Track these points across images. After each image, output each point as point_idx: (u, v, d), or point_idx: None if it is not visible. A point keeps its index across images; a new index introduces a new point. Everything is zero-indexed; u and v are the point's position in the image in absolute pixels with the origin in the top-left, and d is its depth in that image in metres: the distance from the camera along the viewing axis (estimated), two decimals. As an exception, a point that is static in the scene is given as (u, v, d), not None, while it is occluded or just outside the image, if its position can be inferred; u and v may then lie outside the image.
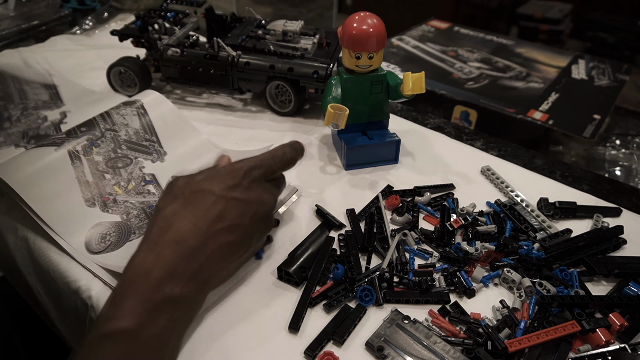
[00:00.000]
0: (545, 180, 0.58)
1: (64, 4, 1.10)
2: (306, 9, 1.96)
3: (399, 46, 1.07)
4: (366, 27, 0.51)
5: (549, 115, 0.82)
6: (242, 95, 0.73)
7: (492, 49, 1.07)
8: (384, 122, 0.59)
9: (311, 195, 0.54)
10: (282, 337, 0.39)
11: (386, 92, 0.56)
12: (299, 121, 0.68)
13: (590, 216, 0.51)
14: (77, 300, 0.44)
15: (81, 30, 1.01)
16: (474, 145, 0.64)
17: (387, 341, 0.38)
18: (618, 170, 0.83)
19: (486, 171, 0.58)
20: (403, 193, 0.54)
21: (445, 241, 0.47)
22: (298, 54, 0.66)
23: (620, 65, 1.01)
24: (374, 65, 0.54)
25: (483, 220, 0.50)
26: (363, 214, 0.51)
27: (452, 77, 0.95)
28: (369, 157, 0.58)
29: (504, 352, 0.37)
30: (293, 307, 0.41)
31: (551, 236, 0.47)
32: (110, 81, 0.72)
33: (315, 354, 0.37)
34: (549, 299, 0.40)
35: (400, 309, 0.41)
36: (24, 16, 1.04)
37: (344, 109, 0.50)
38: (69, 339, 0.51)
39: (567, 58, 1.04)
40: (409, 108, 0.74)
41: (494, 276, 0.44)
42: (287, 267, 0.43)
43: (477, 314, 0.40)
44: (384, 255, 0.45)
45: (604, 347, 0.37)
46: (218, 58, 0.66)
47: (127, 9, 1.11)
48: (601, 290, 0.44)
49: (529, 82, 0.93)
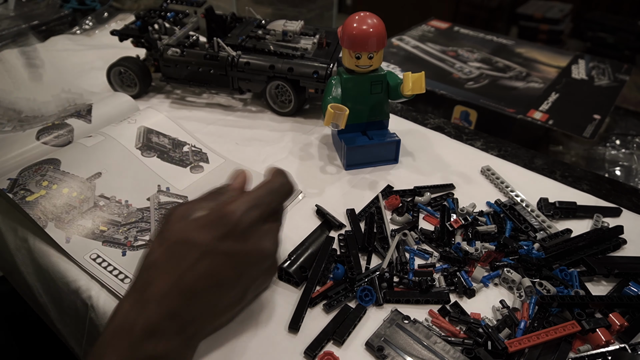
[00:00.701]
0: (545, 180, 0.58)
1: (64, 4, 1.10)
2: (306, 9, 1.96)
3: (399, 46, 1.07)
4: (366, 27, 0.51)
5: (549, 115, 0.82)
6: (242, 95, 0.73)
7: (492, 49, 1.07)
8: (384, 122, 0.59)
9: (311, 195, 0.54)
10: (282, 337, 0.39)
11: (386, 92, 0.56)
12: (299, 121, 0.68)
13: (590, 216, 0.51)
14: (77, 300, 0.44)
15: (81, 30, 1.00)
16: (474, 145, 0.64)
17: (387, 341, 0.38)
18: (618, 170, 0.84)
19: (486, 171, 0.58)
20: (403, 193, 0.54)
21: (445, 241, 0.47)
22: (298, 54, 0.66)
23: (620, 65, 1.01)
24: (374, 65, 0.54)
25: (483, 220, 0.50)
26: (363, 214, 0.51)
27: (452, 77, 0.95)
28: (369, 157, 0.58)
29: (504, 352, 0.37)
30: (293, 307, 0.41)
31: (551, 236, 0.47)
32: (110, 81, 0.72)
33: (315, 354, 0.37)
34: (549, 299, 0.40)
35: (400, 309, 0.41)
36: (24, 16, 1.04)
37: (344, 109, 0.50)
38: (69, 339, 0.51)
39: (567, 58, 1.04)
40: (409, 108, 0.74)
41: (494, 276, 0.44)
42: (287, 267, 0.43)
43: (477, 314, 0.40)
44: (384, 255, 0.45)
45: (604, 347, 0.37)
46: (218, 58, 0.66)
47: (127, 9, 1.11)
48: (601, 290, 0.44)
49: (529, 82, 0.93)
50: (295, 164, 0.59)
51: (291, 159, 0.60)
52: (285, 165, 0.59)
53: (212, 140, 0.61)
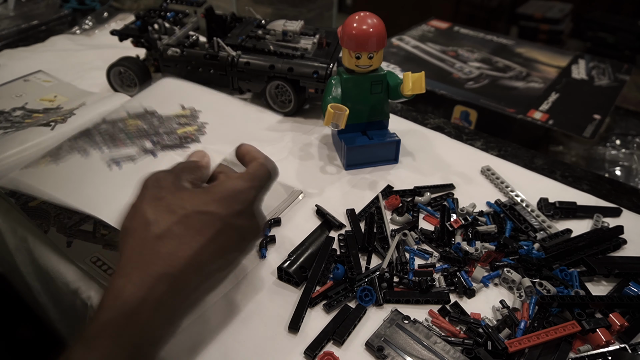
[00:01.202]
0: (545, 180, 0.58)
1: (64, 4, 1.10)
2: (306, 9, 1.96)
3: (399, 46, 1.07)
4: (366, 27, 0.51)
5: (549, 115, 0.82)
6: (242, 95, 0.73)
7: (492, 49, 1.07)
8: (384, 122, 0.59)
9: (311, 195, 0.54)
10: (282, 337, 0.39)
11: (386, 92, 0.56)
12: (299, 121, 0.68)
13: (590, 216, 0.51)
14: (77, 300, 0.44)
15: (81, 30, 1.00)
16: (474, 145, 0.64)
17: (387, 341, 0.38)
18: (618, 170, 0.84)
19: (486, 171, 0.58)
20: (403, 193, 0.54)
21: (445, 241, 0.47)
22: (298, 54, 0.66)
23: (620, 65, 1.01)
24: (374, 65, 0.54)
25: (483, 220, 0.50)
26: (363, 214, 0.51)
27: (452, 77, 0.95)
28: (369, 157, 0.58)
29: (504, 352, 0.37)
30: (293, 307, 0.41)
31: (551, 236, 0.47)
32: (110, 81, 0.72)
33: (315, 354, 0.37)
34: (549, 299, 0.40)
35: (400, 309, 0.41)
36: (24, 16, 1.04)
37: (344, 109, 0.50)
38: (69, 339, 0.51)
39: (567, 58, 1.04)
40: (409, 108, 0.74)
41: (494, 276, 0.44)
42: (287, 267, 0.43)
43: (477, 314, 0.40)
44: (384, 255, 0.45)
45: (604, 347, 0.37)
46: (218, 58, 0.66)
47: (127, 9, 1.11)
48: (601, 290, 0.44)
49: (529, 82, 0.93)
50: (295, 164, 0.59)
51: (291, 159, 0.60)
52: (285, 165, 0.59)
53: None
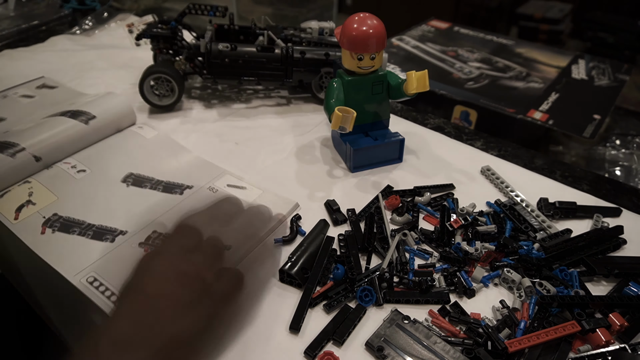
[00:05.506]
0: (545, 180, 0.58)
1: (64, 4, 1.10)
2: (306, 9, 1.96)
3: (399, 46, 1.07)
4: (367, 28, 0.51)
5: (549, 115, 0.82)
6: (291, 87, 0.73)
7: (492, 49, 1.07)
8: (385, 122, 0.59)
9: (311, 196, 0.54)
10: (283, 337, 0.39)
11: (387, 91, 0.56)
12: (299, 121, 0.68)
13: (590, 216, 0.51)
14: (77, 300, 0.44)
15: (81, 31, 1.01)
16: (474, 145, 0.64)
17: (387, 341, 0.38)
18: (618, 170, 0.83)
19: (486, 171, 0.58)
20: (403, 193, 0.54)
21: (445, 241, 0.47)
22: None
23: (620, 65, 1.01)
24: (375, 65, 0.54)
25: (483, 220, 0.50)
26: (363, 214, 0.51)
27: (452, 77, 0.95)
28: (374, 158, 0.58)
29: (504, 352, 0.37)
30: (293, 307, 0.41)
31: (551, 236, 0.47)
32: (143, 94, 0.67)
33: (316, 354, 0.37)
34: (549, 299, 0.40)
35: (400, 309, 0.41)
36: (24, 16, 1.04)
37: (351, 111, 0.50)
38: (69, 339, 0.51)
39: (567, 58, 1.04)
40: (409, 108, 0.74)
41: (494, 276, 0.44)
42: (288, 269, 0.43)
43: (477, 314, 0.40)
44: (384, 255, 0.45)
45: (604, 347, 0.37)
46: (273, 50, 0.67)
47: (127, 9, 1.11)
48: (601, 290, 0.44)
49: (529, 82, 0.93)
50: (295, 164, 0.59)
51: (291, 159, 0.60)
52: (285, 165, 0.59)
53: (212, 141, 0.61)
